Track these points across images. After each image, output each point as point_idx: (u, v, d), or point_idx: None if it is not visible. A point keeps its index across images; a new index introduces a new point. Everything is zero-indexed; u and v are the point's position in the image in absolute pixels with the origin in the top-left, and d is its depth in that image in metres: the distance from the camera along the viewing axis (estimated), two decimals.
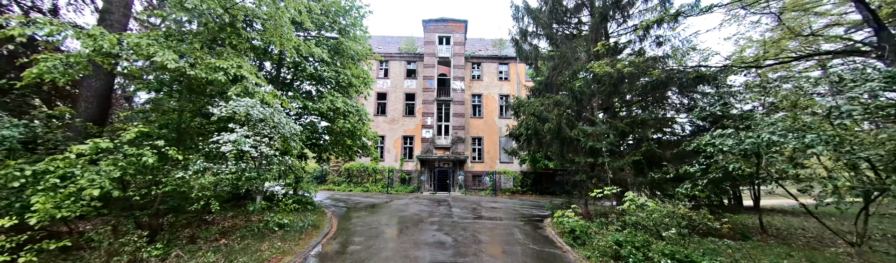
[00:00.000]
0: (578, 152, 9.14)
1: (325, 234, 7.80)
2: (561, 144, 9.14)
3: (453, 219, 10.29)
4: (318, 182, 21.32)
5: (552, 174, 20.72)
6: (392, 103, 21.64)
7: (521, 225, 9.53)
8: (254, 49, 9.63)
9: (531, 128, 9.69)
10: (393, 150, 20.98)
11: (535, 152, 10.62)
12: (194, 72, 5.43)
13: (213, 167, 5.05)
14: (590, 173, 8.90)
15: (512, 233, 8.39)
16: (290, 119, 6.73)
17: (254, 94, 6.05)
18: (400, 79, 21.99)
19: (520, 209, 13.22)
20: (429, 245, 7.08)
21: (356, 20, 12.36)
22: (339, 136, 12.60)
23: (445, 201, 15.46)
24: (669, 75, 8.77)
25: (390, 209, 12.39)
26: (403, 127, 21.33)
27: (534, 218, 10.99)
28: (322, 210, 11.04)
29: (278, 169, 6.26)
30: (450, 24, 21.14)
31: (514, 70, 22.48)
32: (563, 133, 8.90)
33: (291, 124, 6.45)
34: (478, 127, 21.57)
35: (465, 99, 21.34)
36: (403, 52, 22.31)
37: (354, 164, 20.25)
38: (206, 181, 4.72)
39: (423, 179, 20.04)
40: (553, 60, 12.51)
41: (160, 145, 4.79)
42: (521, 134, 11.17)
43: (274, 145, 5.91)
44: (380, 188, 19.41)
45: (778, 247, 7.14)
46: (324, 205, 12.77)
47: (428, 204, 13.91)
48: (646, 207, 5.69)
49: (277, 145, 6.05)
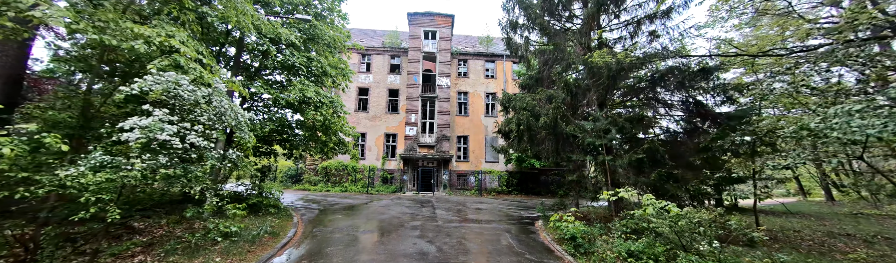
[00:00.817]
0: (575, 149, 8.15)
1: (284, 244, 6.41)
2: (556, 140, 8.11)
3: (437, 223, 9.07)
4: (293, 182, 19.61)
5: (538, 173, 19.86)
6: (374, 99, 20.21)
7: (511, 230, 8.42)
8: (208, 28, 8.12)
9: (524, 123, 8.61)
10: (374, 148, 19.55)
11: (526, 150, 9.54)
12: (99, 36, 3.99)
13: (116, 162, 3.65)
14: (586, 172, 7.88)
15: (503, 239, 7.26)
16: (237, 105, 5.33)
17: (188, 71, 4.66)
18: (383, 74, 20.59)
19: (507, 211, 12.15)
20: (408, 256, 5.83)
21: (332, 5, 10.98)
22: (311, 130, 11.17)
23: (429, 201, 14.22)
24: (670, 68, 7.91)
25: (368, 211, 11.05)
26: (386, 124, 19.95)
27: (524, 221, 9.92)
28: (289, 214, 9.57)
29: (213, 165, 4.87)
30: (436, 18, 19.95)
31: (500, 68, 21.52)
32: (560, 129, 7.87)
33: (238, 110, 5.08)
34: (463, 125, 20.45)
35: (451, 96, 20.18)
36: (387, 46, 20.93)
37: (333, 162, 18.69)
38: (89, 180, 3.32)
39: (406, 178, 18.72)
40: (544, 54, 11.56)
41: (32, 130, 3.35)
42: (512, 131, 10.09)
43: (212, 136, 4.54)
44: (359, 188, 17.94)
45: (805, 255, 6.31)
46: (293, 207, 11.27)
47: (410, 205, 12.63)
48: (663, 211, 4.68)
49: (217, 136, 4.68)
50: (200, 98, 4.33)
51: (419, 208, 12.06)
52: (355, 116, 19.76)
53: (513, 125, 9.68)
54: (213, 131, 4.65)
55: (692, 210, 4.45)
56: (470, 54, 21.44)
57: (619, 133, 7.21)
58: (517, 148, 9.64)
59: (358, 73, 20.34)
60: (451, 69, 20.62)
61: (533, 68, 12.17)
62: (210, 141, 4.55)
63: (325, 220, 9.12)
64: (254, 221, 7.85)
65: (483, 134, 20.46)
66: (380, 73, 20.59)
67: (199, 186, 4.54)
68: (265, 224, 7.01)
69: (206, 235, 5.65)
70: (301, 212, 10.36)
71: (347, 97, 19.97)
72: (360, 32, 22.77)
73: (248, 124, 5.69)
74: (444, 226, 8.62)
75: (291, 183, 19.53)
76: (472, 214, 11.07)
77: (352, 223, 8.82)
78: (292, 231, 7.58)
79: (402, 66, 20.59)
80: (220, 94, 4.76)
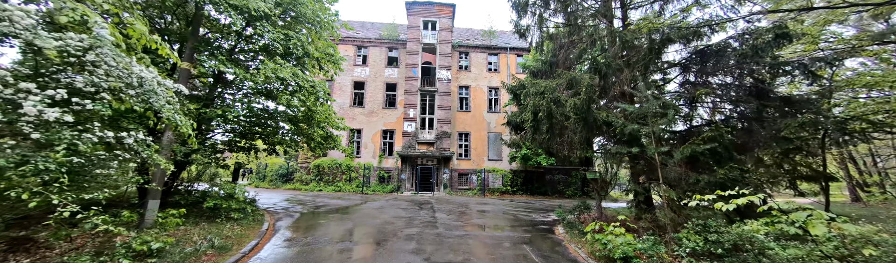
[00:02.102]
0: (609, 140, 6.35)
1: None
2: (588, 129, 6.29)
3: (438, 230, 7.22)
4: (284, 181, 17.71)
5: (543, 172, 18.01)
6: (371, 94, 18.37)
7: (530, 240, 6.57)
8: None
9: (544, 109, 6.79)
10: (370, 145, 17.69)
11: (543, 143, 7.71)
12: None
13: None
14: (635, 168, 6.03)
15: (524, 256, 5.41)
16: (153, 72, 3.47)
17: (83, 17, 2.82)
18: (380, 67, 18.77)
19: (517, 214, 10.30)
20: None
21: None
22: (293, 122, 9.32)
23: (428, 203, 12.36)
24: (730, 38, 6.11)
25: (359, 214, 9.19)
26: (383, 120, 18.10)
27: (540, 227, 8.08)
28: (261, 219, 7.71)
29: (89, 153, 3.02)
30: (436, 7, 18.16)
31: (504, 61, 19.72)
32: (592, 114, 6.07)
33: (146, 74, 3.25)
34: (465, 122, 18.61)
35: (452, 90, 18.36)
36: (384, 38, 19.12)
37: (326, 160, 16.81)
38: None
39: (404, 177, 16.85)
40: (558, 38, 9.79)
41: None
42: (525, 121, 8.25)
43: (82, 110, 2.70)
44: (354, 188, 16.06)
45: None
46: (273, 211, 9.40)
47: (407, 207, 10.77)
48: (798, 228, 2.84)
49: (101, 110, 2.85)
50: (70, 44, 2.51)
51: (417, 210, 10.20)
52: (351, 111, 17.93)
53: (527, 114, 7.84)
54: (89, 102, 2.84)
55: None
56: (472, 47, 19.65)
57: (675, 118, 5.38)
58: (534, 140, 7.78)
59: (354, 66, 18.53)
60: (452, 62, 18.81)
61: (546, 53, 10.38)
62: (86, 116, 2.74)
63: (302, 227, 7.26)
64: (208, 229, 5.98)
65: (485, 131, 18.63)
66: (377, 66, 18.77)
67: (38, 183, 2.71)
68: (212, 237, 5.14)
69: (111, 257, 3.79)
70: (278, 216, 8.49)
71: (343, 92, 18.14)
72: (356, 24, 20.98)
73: (175, 100, 3.86)
74: (445, 235, 6.77)
75: (282, 182, 17.63)
76: (477, 218, 9.22)
77: (334, 230, 6.96)
78: (253, 242, 5.71)
79: (400, 58, 18.78)
80: (107, 45, 2.94)
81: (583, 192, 17.52)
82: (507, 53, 19.73)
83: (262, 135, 9.59)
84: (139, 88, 3.31)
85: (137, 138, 3.33)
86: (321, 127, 9.68)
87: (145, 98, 3.32)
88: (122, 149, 3.41)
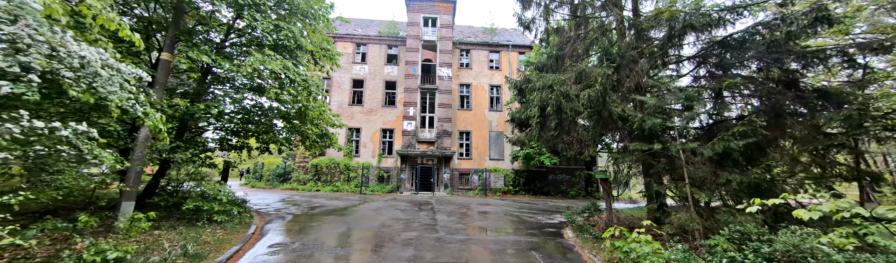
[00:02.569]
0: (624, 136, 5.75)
1: None
2: (602, 124, 5.68)
3: (438, 234, 6.61)
4: (281, 181, 17.11)
5: (546, 172, 17.40)
6: (370, 92, 17.78)
7: (539, 246, 5.95)
8: None
9: (553, 104, 6.18)
10: (369, 144, 17.09)
11: (549, 140, 7.09)
12: None
13: None
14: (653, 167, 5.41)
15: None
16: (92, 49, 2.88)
17: None
18: (379, 65, 18.18)
19: (521, 215, 9.68)
20: None
21: None
22: (286, 119, 8.74)
23: (428, 203, 11.75)
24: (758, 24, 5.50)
25: (355, 216, 8.58)
26: (382, 119, 17.51)
27: (547, 230, 7.46)
28: (248, 221, 7.10)
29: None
30: (437, 3, 17.58)
31: (506, 59, 19.12)
32: (607, 108, 5.46)
33: (87, 53, 2.67)
34: (466, 120, 18.01)
35: (452, 88, 17.76)
36: (384, 35, 18.54)
37: (324, 159, 16.22)
38: None
39: (404, 177, 16.24)
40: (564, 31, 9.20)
41: None
42: (530, 117, 7.64)
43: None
44: (353, 188, 15.46)
45: None
46: (263, 212, 8.81)
47: (406, 209, 10.16)
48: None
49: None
50: None
51: (416, 212, 9.59)
52: (349, 109, 17.34)
53: (534, 110, 7.23)
54: (6, 83, 2.27)
55: None
56: (473, 44, 19.05)
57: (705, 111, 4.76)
58: (540, 138, 7.17)
59: (352, 63, 17.96)
60: (453, 60, 18.21)
61: (552, 46, 9.78)
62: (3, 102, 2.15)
63: (293, 230, 6.65)
64: (185, 234, 5.37)
65: (487, 130, 18.02)
66: (376, 63, 18.18)
67: None
68: (187, 243, 4.53)
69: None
70: (269, 219, 7.89)
71: (341, 90, 17.56)
72: (355, 22, 20.41)
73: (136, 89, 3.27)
74: (446, 240, 6.15)
75: (279, 182, 17.03)
76: (479, 220, 8.60)
77: (325, 234, 6.36)
78: (234, 248, 5.11)
79: (400, 55, 18.19)
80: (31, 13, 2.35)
81: (587, 192, 16.89)
82: (509, 51, 19.13)
83: (254, 133, 9.00)
84: (81, 70, 2.72)
85: (76, 130, 2.74)
86: (315, 124, 9.09)
87: (88, 83, 2.74)
88: (61, 143, 2.83)
